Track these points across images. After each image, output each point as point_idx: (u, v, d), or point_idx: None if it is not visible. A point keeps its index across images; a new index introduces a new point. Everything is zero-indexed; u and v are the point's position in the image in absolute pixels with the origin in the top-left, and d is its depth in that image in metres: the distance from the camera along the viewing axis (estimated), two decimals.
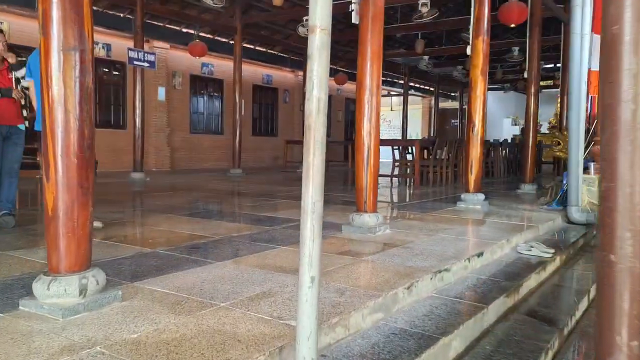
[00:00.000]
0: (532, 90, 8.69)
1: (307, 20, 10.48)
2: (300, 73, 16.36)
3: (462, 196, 6.36)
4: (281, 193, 7.81)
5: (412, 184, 9.33)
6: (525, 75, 8.97)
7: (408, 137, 19.80)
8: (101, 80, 11.64)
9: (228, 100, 14.10)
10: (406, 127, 18.72)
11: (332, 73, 16.82)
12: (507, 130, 25.28)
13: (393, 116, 27.73)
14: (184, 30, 12.32)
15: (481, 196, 6.29)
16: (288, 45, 14.06)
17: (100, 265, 3.03)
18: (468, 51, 6.49)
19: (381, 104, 4.52)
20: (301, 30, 10.69)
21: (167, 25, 12.16)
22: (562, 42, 10.68)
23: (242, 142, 11.82)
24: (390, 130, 27.51)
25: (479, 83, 6.27)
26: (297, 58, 15.62)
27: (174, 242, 3.78)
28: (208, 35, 12.73)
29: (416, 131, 26.12)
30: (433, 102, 26.43)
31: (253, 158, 15.57)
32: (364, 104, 4.33)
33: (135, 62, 9.04)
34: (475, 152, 6.31)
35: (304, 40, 13.41)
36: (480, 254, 3.72)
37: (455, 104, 25.87)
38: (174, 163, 13.08)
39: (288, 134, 16.96)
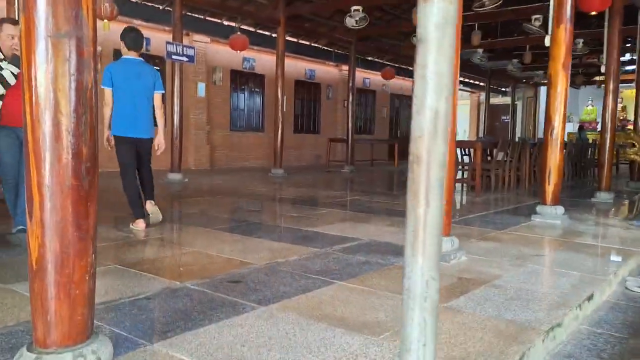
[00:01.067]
0: (611, 86, 7.71)
1: (355, 10, 9.75)
2: (345, 67, 15.59)
3: (538, 209, 5.53)
4: (327, 199, 7.12)
5: (470, 190, 8.47)
6: (602, 70, 7.99)
7: (457, 136, 18.77)
8: None
9: (269, 96, 13.52)
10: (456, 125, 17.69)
11: (378, 67, 16.00)
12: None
13: None
14: (225, 23, 11.76)
15: (560, 209, 5.46)
16: (333, 39, 13.33)
17: (114, 310, 2.42)
18: (547, 42, 5.63)
19: None
20: (348, 21, 9.95)
21: (208, 18, 11.62)
22: (639, 33, 9.61)
23: (284, 140, 11.20)
24: None
25: (560, 79, 5.41)
26: (342, 52, 14.88)
27: (209, 272, 3.15)
28: (250, 28, 12.14)
29: (464, 128, 25.00)
30: (482, 97, 25.24)
31: (295, 156, 14.96)
32: None
33: (174, 57, 8.52)
34: (555, 158, 5.47)
35: (350, 32, 12.67)
36: (590, 297, 2.93)
37: (506, 100, 24.58)
38: (214, 161, 12.60)
39: (331, 131, 16.25)
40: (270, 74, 12.57)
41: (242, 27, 11.03)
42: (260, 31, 12.52)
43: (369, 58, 16.00)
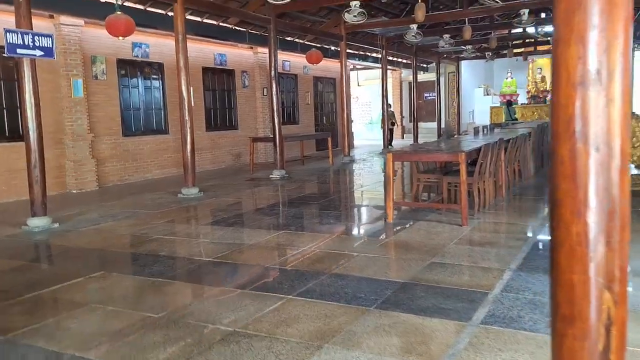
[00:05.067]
0: None
1: None
2: (261, 50, 13.19)
3: None
4: (282, 255, 4.78)
5: (447, 214, 6.44)
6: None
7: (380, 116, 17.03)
8: None
9: (171, 89, 10.86)
10: (386, 106, 15.85)
11: (298, 48, 13.73)
12: (479, 101, 22.95)
13: (360, 92, 24.93)
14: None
15: None
16: (246, 16, 10.78)
17: None
18: None
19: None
20: None
21: None
22: None
23: (196, 141, 8.76)
24: (360, 108, 24.67)
25: None
26: (257, 32, 12.45)
27: None
28: (138, 6, 9.41)
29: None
30: (403, 74, 23.74)
31: (209, 158, 12.47)
32: (583, 102, 1.44)
33: (20, 51, 5.76)
34: None
35: (268, 7, 10.27)
36: None
37: (427, 77, 23.20)
38: (102, 178, 9.81)
39: (251, 125, 13.86)
40: (171, 62, 9.97)
41: (125, 3, 8.31)
42: (152, 9, 9.81)
43: (288, 38, 13.68)
